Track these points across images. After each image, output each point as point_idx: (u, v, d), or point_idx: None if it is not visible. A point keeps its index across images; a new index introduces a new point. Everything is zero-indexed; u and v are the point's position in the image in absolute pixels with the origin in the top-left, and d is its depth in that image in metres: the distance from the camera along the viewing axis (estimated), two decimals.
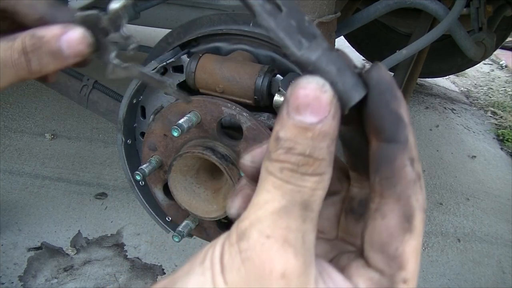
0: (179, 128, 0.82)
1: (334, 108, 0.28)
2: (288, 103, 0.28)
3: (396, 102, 0.30)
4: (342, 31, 1.32)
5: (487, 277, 1.82)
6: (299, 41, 0.30)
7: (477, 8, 1.44)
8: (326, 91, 0.28)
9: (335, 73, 0.30)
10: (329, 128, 0.28)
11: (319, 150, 0.28)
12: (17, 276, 1.67)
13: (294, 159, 0.28)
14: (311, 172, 0.28)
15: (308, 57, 0.30)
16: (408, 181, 0.29)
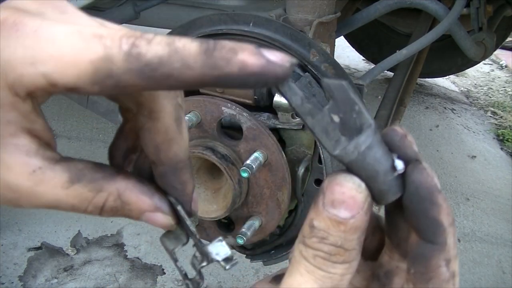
0: None
1: (367, 206, 0.30)
2: (324, 196, 0.30)
3: (435, 209, 0.30)
4: (342, 31, 1.32)
5: (487, 277, 1.82)
6: (337, 140, 0.30)
7: (477, 8, 1.44)
8: (362, 191, 0.30)
9: (377, 173, 0.30)
10: (360, 223, 0.30)
11: (350, 242, 0.30)
12: (17, 276, 1.67)
13: (327, 249, 0.30)
14: (342, 261, 0.30)
15: (343, 157, 0.30)
16: (441, 280, 0.30)
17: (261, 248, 1.04)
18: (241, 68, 0.27)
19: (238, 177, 0.85)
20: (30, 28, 0.26)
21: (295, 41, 0.88)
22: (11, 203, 0.31)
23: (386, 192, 0.31)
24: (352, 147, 0.30)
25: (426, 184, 0.31)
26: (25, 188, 0.30)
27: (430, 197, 0.30)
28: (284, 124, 0.87)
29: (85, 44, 0.26)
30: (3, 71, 0.27)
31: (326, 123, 0.30)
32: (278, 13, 1.06)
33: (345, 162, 0.30)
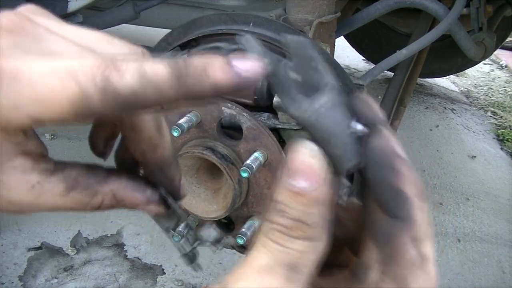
0: (179, 128, 0.82)
1: (325, 175, 0.28)
2: (284, 167, 0.29)
3: (395, 177, 0.28)
4: (342, 31, 1.32)
5: (487, 277, 1.82)
6: (293, 97, 0.28)
7: (477, 8, 1.44)
8: (317, 157, 0.28)
9: (330, 135, 0.28)
10: (321, 194, 0.28)
11: (311, 216, 0.28)
12: (17, 276, 1.67)
13: (285, 222, 0.28)
14: (300, 236, 0.28)
15: (298, 117, 0.28)
16: (407, 261, 0.28)
17: None
18: (214, 87, 0.27)
19: (238, 177, 0.85)
20: (9, 74, 0.27)
21: None
22: (15, 213, 0.34)
23: (342, 156, 0.28)
24: (307, 105, 0.28)
25: (385, 149, 0.29)
26: (26, 202, 0.33)
27: (390, 164, 0.28)
28: (284, 124, 0.87)
29: (60, 83, 0.27)
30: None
31: (284, 79, 0.29)
32: (278, 13, 1.06)
33: (302, 122, 0.29)
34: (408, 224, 0.28)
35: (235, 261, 1.75)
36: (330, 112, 0.28)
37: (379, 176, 0.28)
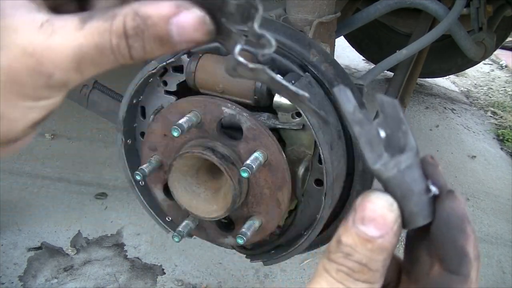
0: (179, 128, 0.82)
1: (397, 227, 0.30)
2: (355, 212, 0.31)
3: (464, 238, 0.31)
4: (342, 31, 1.32)
5: (487, 277, 1.82)
6: (380, 154, 0.30)
7: (477, 8, 1.44)
8: (393, 210, 0.30)
9: (410, 193, 0.31)
10: (388, 244, 0.30)
11: (375, 262, 0.30)
12: (17, 276, 1.67)
13: (351, 265, 0.30)
14: (364, 279, 0.30)
15: (382, 172, 0.30)
16: None
17: (261, 248, 1.04)
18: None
19: (238, 177, 0.84)
20: None
21: (295, 41, 0.88)
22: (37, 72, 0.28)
23: (418, 214, 0.31)
24: (392, 164, 0.30)
25: (458, 211, 0.31)
26: (39, 44, 0.28)
27: (461, 225, 0.31)
28: (284, 124, 0.87)
29: None
30: None
31: (372, 136, 0.30)
32: (278, 13, 1.06)
33: (383, 177, 0.31)
34: (466, 280, 0.30)
35: (235, 261, 1.75)
36: (411, 172, 0.31)
37: (448, 235, 0.31)
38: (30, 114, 0.31)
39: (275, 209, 0.89)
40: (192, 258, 1.77)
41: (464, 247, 0.31)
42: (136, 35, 0.29)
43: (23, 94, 0.30)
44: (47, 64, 0.29)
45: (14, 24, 0.28)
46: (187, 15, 0.29)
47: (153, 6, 0.29)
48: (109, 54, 0.30)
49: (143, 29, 0.29)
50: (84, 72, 0.30)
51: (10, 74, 0.29)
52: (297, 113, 0.85)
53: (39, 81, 0.29)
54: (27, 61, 0.28)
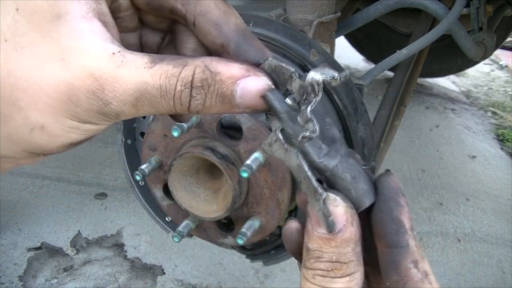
0: (179, 128, 0.82)
1: (350, 217, 0.32)
2: (310, 218, 0.33)
3: (398, 210, 0.33)
4: (342, 31, 1.32)
5: (487, 277, 1.82)
6: (319, 147, 0.32)
7: (477, 8, 1.44)
8: (338, 205, 0.32)
9: (349, 180, 0.33)
10: (349, 234, 0.32)
11: (345, 255, 0.32)
12: (17, 276, 1.67)
13: (323, 266, 0.32)
14: (341, 274, 0.32)
15: (326, 164, 0.33)
16: (415, 281, 0.32)
17: (261, 248, 1.04)
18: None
19: (238, 177, 0.84)
20: None
21: (295, 41, 0.88)
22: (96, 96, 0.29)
23: (362, 196, 0.33)
24: (333, 153, 0.33)
25: (392, 185, 0.33)
26: (107, 71, 0.29)
27: (395, 197, 0.33)
28: None
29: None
30: None
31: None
32: (278, 13, 1.06)
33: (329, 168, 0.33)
34: (408, 250, 0.32)
35: (235, 261, 1.75)
36: (348, 159, 0.33)
37: (385, 208, 0.33)
38: (71, 134, 0.31)
39: (275, 209, 0.89)
40: (192, 258, 1.77)
41: (399, 217, 0.32)
42: (202, 87, 0.30)
43: (73, 113, 0.30)
44: (108, 92, 0.29)
45: (88, 47, 0.29)
46: (255, 81, 0.31)
47: (225, 65, 0.30)
48: (169, 99, 0.30)
49: (210, 83, 0.30)
50: (140, 109, 0.31)
51: (69, 91, 0.29)
52: None
53: (94, 105, 0.30)
54: (90, 84, 0.29)
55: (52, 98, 0.29)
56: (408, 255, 0.32)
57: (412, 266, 0.32)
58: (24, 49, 0.29)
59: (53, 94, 0.29)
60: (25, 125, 0.30)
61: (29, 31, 0.29)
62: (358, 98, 0.88)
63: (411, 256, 0.32)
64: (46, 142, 0.31)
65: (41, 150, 0.32)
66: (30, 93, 0.29)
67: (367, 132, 0.90)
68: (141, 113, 0.31)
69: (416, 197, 2.21)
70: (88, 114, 0.30)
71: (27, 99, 0.29)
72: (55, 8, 0.29)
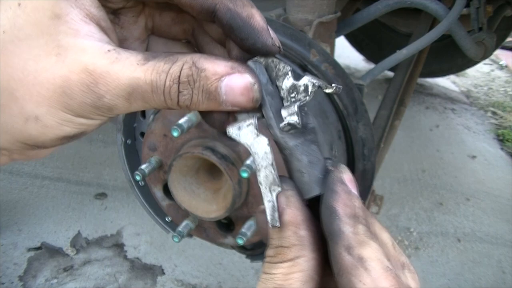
0: (179, 128, 0.82)
1: (286, 201, 0.33)
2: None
3: (332, 197, 0.32)
4: (342, 31, 1.32)
5: (487, 277, 1.82)
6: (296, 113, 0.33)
7: (477, 8, 1.44)
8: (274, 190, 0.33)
9: (305, 164, 0.33)
10: (288, 217, 0.32)
11: (285, 239, 0.32)
12: (17, 276, 1.67)
13: (270, 252, 0.33)
14: (282, 260, 0.32)
15: (287, 141, 0.33)
16: (348, 268, 0.31)
17: (261, 248, 1.04)
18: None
19: (238, 177, 0.84)
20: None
21: (295, 41, 0.88)
22: (90, 90, 0.31)
23: (312, 184, 0.33)
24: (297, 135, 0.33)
25: (335, 175, 0.33)
26: (101, 66, 0.30)
27: (332, 187, 0.33)
28: None
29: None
30: None
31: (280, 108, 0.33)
32: (278, 13, 1.05)
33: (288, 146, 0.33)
34: (340, 236, 0.31)
35: (235, 262, 1.75)
36: (311, 146, 0.33)
37: (325, 197, 0.33)
38: (65, 126, 0.32)
39: None
40: (192, 258, 1.77)
41: (331, 205, 0.32)
42: (188, 83, 0.31)
43: (67, 106, 0.31)
44: (102, 86, 0.31)
45: (84, 44, 0.30)
46: (238, 78, 0.32)
47: (211, 62, 0.32)
48: (160, 94, 0.31)
49: (196, 79, 0.31)
50: (132, 103, 0.32)
51: (64, 84, 0.30)
52: None
53: (88, 99, 0.31)
54: (84, 78, 0.30)
55: (47, 90, 0.30)
56: (340, 240, 0.31)
57: (344, 251, 0.31)
58: (21, 41, 0.30)
59: (49, 86, 0.30)
60: (20, 115, 0.31)
61: (28, 25, 0.30)
62: (358, 98, 0.88)
63: (343, 242, 0.31)
64: (40, 133, 0.32)
65: (35, 141, 0.32)
66: (26, 84, 0.30)
67: (367, 132, 0.90)
68: (134, 107, 0.32)
69: (416, 197, 2.21)
70: (81, 108, 0.31)
71: (22, 89, 0.30)
72: (55, 8, 0.30)
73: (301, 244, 0.32)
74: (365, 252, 0.31)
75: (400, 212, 2.11)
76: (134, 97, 0.31)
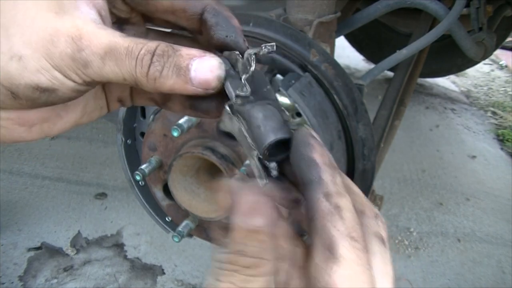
0: (179, 128, 0.82)
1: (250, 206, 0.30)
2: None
3: (309, 149, 0.34)
4: (342, 31, 1.32)
5: (487, 277, 1.82)
6: (245, 92, 0.36)
7: (477, 8, 1.44)
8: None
9: (260, 118, 0.35)
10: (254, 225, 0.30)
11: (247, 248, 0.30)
12: (17, 276, 1.67)
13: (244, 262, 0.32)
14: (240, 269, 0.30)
15: (243, 107, 0.36)
16: (324, 213, 0.31)
17: None
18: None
19: None
20: None
21: (295, 41, 0.88)
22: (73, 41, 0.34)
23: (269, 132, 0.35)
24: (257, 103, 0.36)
25: (303, 132, 0.35)
26: (89, 28, 0.35)
27: (305, 140, 0.34)
28: None
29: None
30: None
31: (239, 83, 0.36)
32: (278, 13, 1.06)
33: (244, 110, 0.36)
34: (319, 183, 0.33)
35: None
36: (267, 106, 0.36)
37: (297, 151, 0.34)
38: (40, 75, 0.35)
39: None
40: (192, 258, 1.77)
41: (308, 155, 0.33)
42: (162, 55, 0.35)
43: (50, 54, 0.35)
44: (84, 41, 0.34)
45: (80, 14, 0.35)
46: (208, 58, 0.35)
47: (186, 47, 0.36)
48: (133, 59, 0.35)
49: (170, 54, 0.35)
50: (106, 63, 0.35)
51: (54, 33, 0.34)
52: (297, 113, 0.85)
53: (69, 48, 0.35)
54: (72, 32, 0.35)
55: (37, 34, 0.34)
56: (320, 187, 0.32)
57: (322, 197, 0.32)
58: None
59: (40, 32, 0.34)
60: (7, 51, 0.34)
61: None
62: (358, 98, 0.88)
63: (322, 189, 0.32)
64: (18, 74, 0.34)
65: (11, 82, 0.34)
66: (22, 25, 0.34)
67: (367, 132, 0.90)
68: (107, 68, 0.35)
69: (416, 197, 2.21)
70: (61, 58, 0.34)
71: (18, 29, 0.34)
72: None
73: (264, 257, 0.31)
74: (342, 202, 0.32)
75: (400, 212, 2.11)
76: (108, 57, 0.35)
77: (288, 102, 0.83)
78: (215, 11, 0.39)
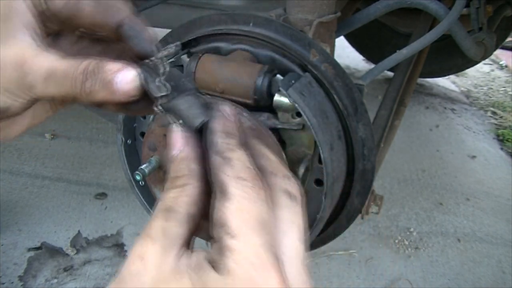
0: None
1: (185, 140, 0.40)
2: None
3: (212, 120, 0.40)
4: (342, 31, 1.32)
5: (487, 277, 1.82)
6: (167, 88, 0.42)
7: (477, 8, 1.44)
8: (177, 131, 0.41)
9: (186, 109, 0.42)
10: (184, 154, 0.40)
11: (179, 171, 0.39)
12: (17, 276, 1.67)
13: (167, 183, 0.39)
14: (173, 186, 0.39)
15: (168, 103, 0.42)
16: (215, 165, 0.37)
17: None
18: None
19: None
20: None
21: (295, 41, 0.88)
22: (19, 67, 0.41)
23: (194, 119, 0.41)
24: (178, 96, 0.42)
25: (215, 106, 0.42)
26: (32, 53, 0.41)
27: (213, 113, 0.41)
28: (284, 124, 0.87)
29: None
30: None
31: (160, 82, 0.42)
32: (278, 13, 1.06)
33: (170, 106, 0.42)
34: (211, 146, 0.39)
35: None
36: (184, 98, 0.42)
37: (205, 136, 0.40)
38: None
39: None
40: None
41: (210, 125, 0.39)
42: (92, 72, 0.41)
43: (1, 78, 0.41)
44: (28, 66, 0.41)
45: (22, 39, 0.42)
46: (126, 71, 0.42)
47: (111, 62, 0.42)
48: (69, 79, 0.41)
49: (98, 71, 0.41)
50: (48, 85, 0.41)
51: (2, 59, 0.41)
52: (297, 113, 0.85)
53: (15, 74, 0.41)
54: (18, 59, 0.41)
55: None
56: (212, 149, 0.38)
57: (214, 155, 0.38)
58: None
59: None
60: None
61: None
62: (358, 98, 0.89)
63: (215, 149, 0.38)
64: None
65: None
66: None
67: (367, 132, 0.90)
68: (49, 89, 0.42)
69: (416, 197, 2.21)
70: (9, 81, 0.41)
71: None
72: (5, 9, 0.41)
73: (190, 175, 0.39)
74: (232, 154, 0.37)
75: (400, 212, 2.11)
76: (50, 79, 0.41)
77: (288, 102, 0.83)
78: (129, 26, 0.45)
